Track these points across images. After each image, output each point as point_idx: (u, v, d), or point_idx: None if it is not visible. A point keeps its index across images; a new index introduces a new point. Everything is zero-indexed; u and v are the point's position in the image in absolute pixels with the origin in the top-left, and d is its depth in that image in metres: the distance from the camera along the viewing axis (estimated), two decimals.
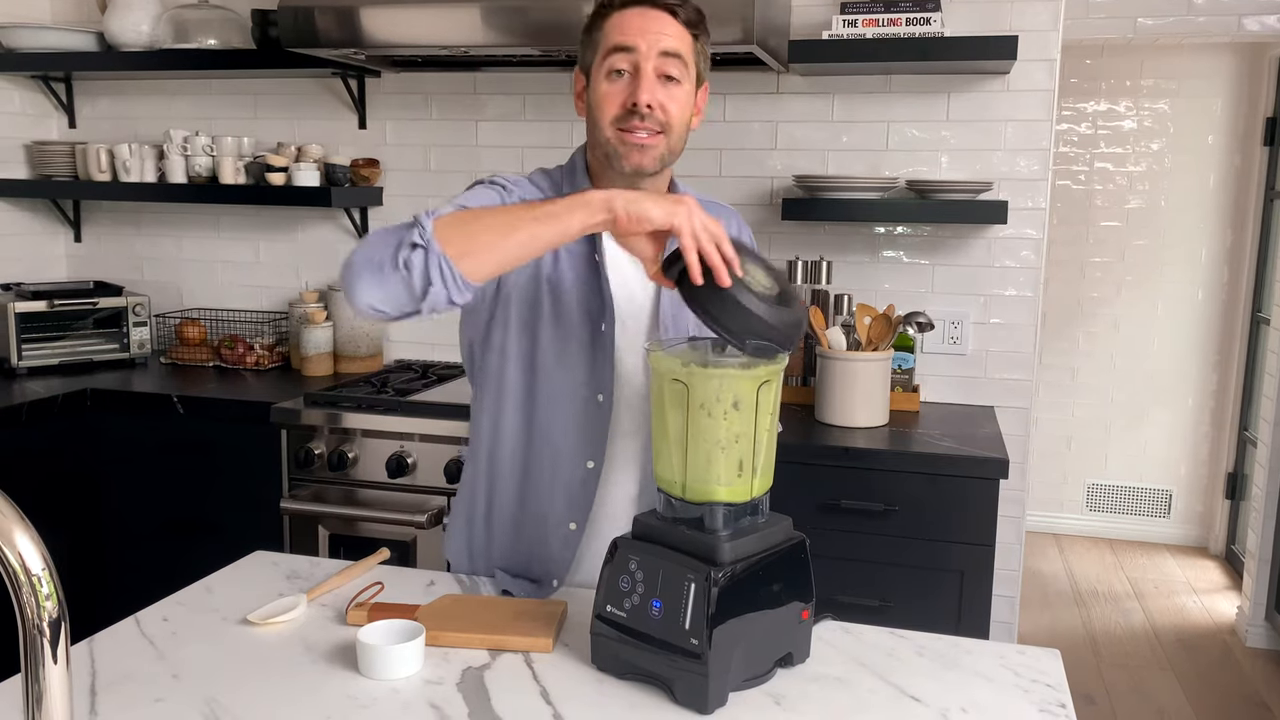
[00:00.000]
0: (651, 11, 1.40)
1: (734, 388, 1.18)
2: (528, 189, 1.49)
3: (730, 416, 1.19)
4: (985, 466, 2.22)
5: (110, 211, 3.36)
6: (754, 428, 1.20)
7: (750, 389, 1.19)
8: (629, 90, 1.39)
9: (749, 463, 1.21)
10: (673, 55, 1.40)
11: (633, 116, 1.39)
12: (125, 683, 1.20)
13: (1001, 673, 1.26)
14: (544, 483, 1.51)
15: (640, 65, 1.38)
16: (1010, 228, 2.67)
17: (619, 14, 1.41)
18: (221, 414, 2.66)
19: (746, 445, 1.20)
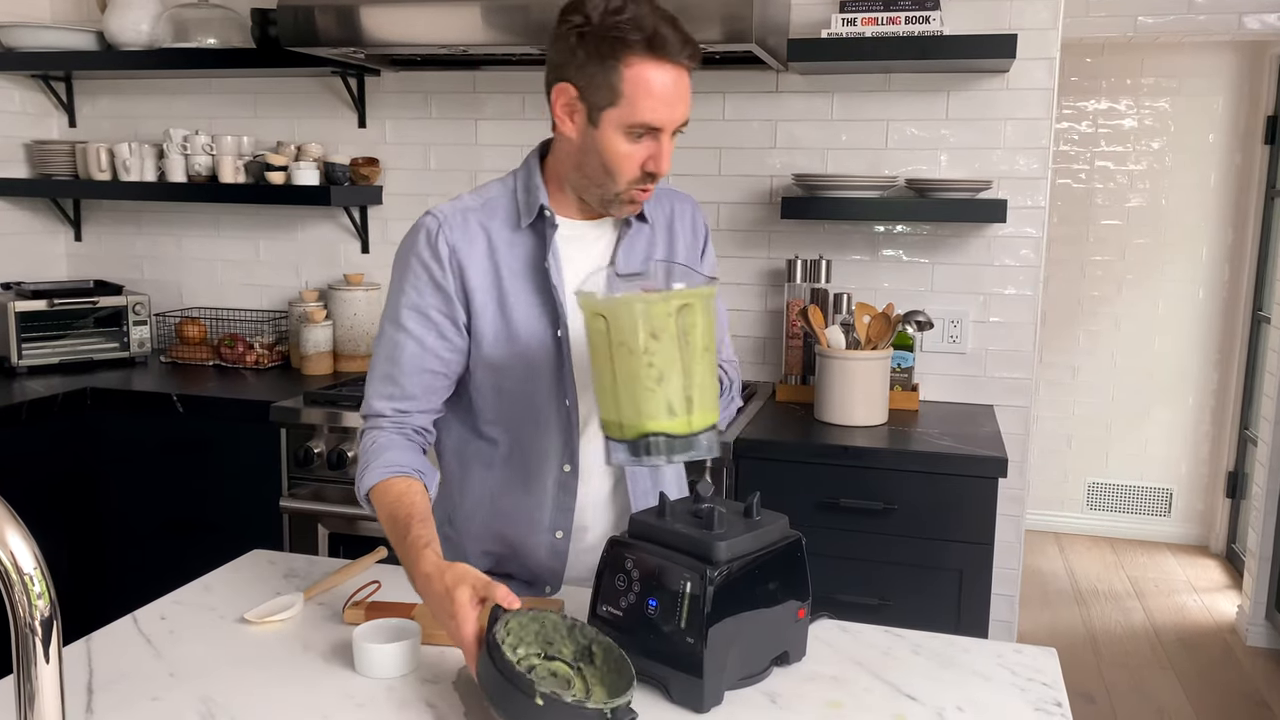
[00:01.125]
0: (674, 73, 1.34)
1: (649, 316, 1.17)
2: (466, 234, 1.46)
3: (651, 349, 1.17)
4: (984, 465, 2.22)
5: (110, 210, 3.37)
6: (679, 359, 1.18)
7: (665, 315, 1.17)
8: (647, 153, 1.37)
9: (680, 398, 1.19)
10: (683, 125, 1.39)
11: (650, 179, 1.40)
12: (122, 681, 1.20)
13: (998, 671, 1.26)
14: (522, 489, 1.52)
15: (662, 137, 1.36)
16: (1010, 226, 2.67)
17: (642, 66, 1.32)
18: (221, 413, 2.66)
19: (675, 380, 1.18)
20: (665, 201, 1.59)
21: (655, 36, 1.32)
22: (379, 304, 3.05)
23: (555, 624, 1.16)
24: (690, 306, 1.19)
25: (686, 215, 1.61)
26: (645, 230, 1.54)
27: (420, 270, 1.45)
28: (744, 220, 2.85)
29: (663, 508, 1.24)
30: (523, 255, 1.47)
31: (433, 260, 1.44)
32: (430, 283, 1.45)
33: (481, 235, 1.46)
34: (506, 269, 1.46)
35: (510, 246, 1.47)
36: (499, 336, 1.46)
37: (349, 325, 2.99)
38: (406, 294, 1.46)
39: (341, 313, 3.00)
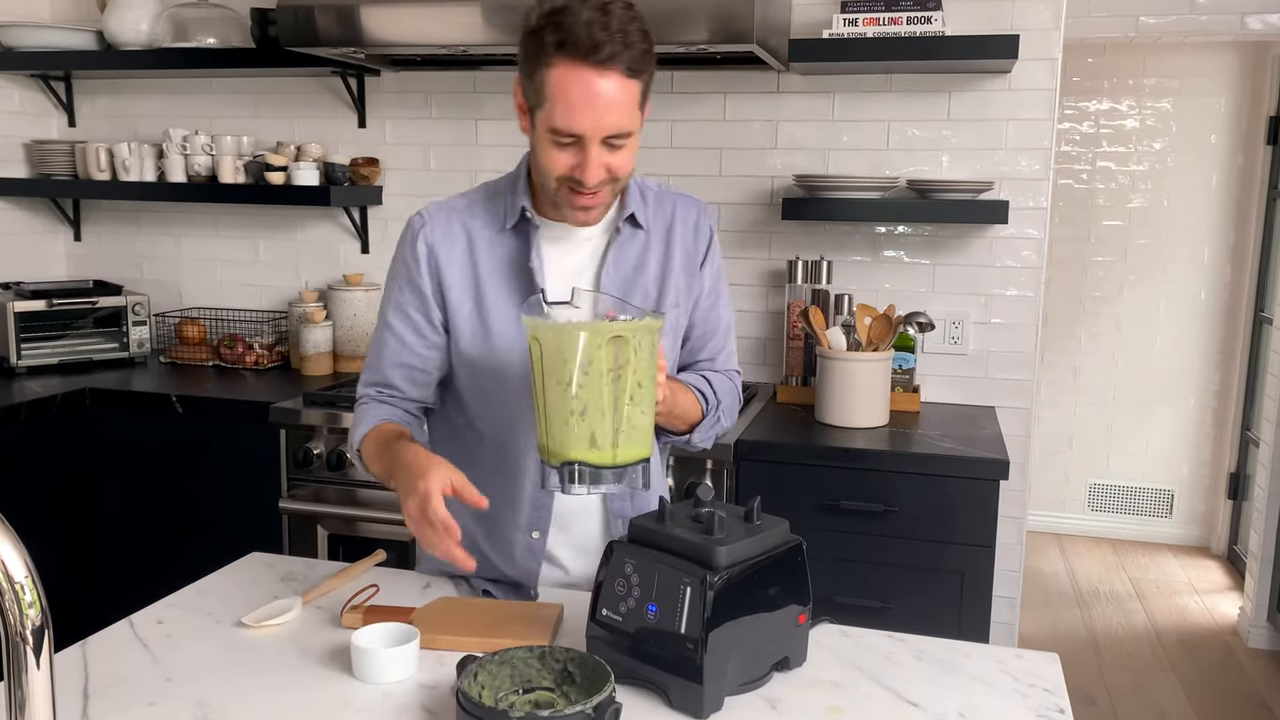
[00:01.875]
0: (598, 80, 1.28)
1: (577, 347, 1.16)
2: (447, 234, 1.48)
3: (579, 379, 1.17)
4: (985, 468, 2.21)
5: (110, 210, 3.36)
6: (607, 393, 1.18)
7: (594, 348, 1.16)
8: (575, 160, 1.33)
9: (605, 431, 1.19)
10: (618, 135, 1.33)
11: (579, 184, 1.35)
12: (118, 686, 1.20)
13: (1000, 677, 1.26)
14: (501, 488, 1.50)
15: (586, 146, 1.32)
16: (1011, 227, 2.66)
17: (564, 69, 1.28)
18: (220, 414, 2.65)
19: (600, 413, 1.18)
20: (667, 205, 1.55)
21: (577, 39, 1.26)
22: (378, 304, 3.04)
23: (524, 659, 1.15)
24: (622, 340, 1.18)
25: (690, 220, 1.56)
26: (639, 236, 1.51)
27: (402, 269, 1.50)
28: (745, 221, 2.84)
29: (663, 512, 1.23)
30: (505, 256, 1.47)
31: (411, 259, 1.48)
32: (409, 281, 1.49)
33: (463, 235, 1.48)
34: (486, 269, 1.47)
35: (492, 247, 1.48)
36: (475, 335, 1.47)
37: (349, 326, 2.99)
38: (391, 291, 1.52)
39: (341, 313, 3.00)
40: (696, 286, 1.56)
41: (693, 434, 1.53)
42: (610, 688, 1.06)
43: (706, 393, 1.54)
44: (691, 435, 1.53)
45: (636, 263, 1.51)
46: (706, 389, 1.54)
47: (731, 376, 1.63)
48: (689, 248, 1.55)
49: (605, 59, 1.27)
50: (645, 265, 1.51)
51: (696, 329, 1.59)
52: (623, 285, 1.49)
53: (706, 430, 1.54)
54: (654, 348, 1.22)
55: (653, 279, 1.51)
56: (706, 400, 1.53)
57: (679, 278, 1.53)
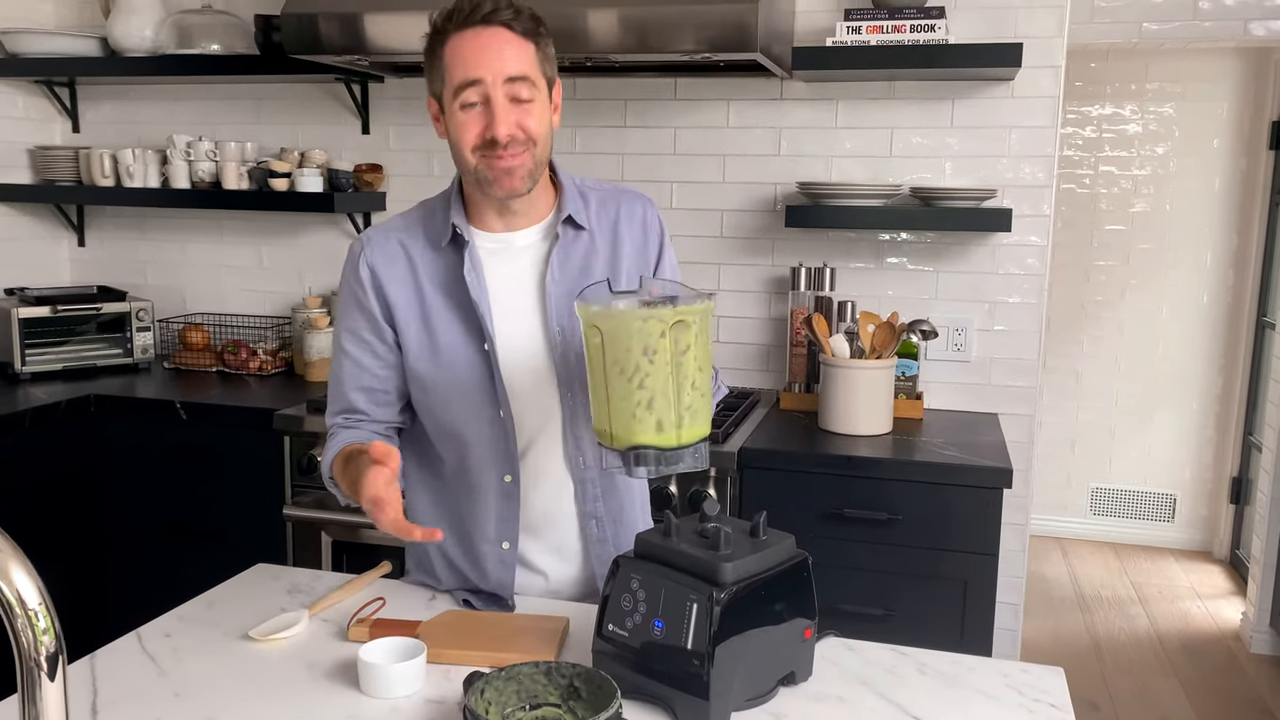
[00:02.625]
0: (486, 31, 1.37)
1: (643, 334, 1.19)
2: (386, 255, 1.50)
3: (644, 368, 1.20)
4: (988, 475, 2.21)
5: (114, 216, 3.36)
6: (672, 378, 1.20)
7: (658, 335, 1.19)
8: (484, 121, 1.37)
9: (670, 416, 1.21)
10: (519, 79, 1.37)
11: (494, 145, 1.38)
12: (126, 701, 1.20)
13: (1004, 691, 1.26)
14: (467, 501, 1.53)
15: (490, 95, 1.36)
16: (1014, 235, 2.67)
17: (455, 38, 1.38)
18: (224, 420, 2.66)
19: (666, 399, 1.21)
20: (611, 205, 1.56)
21: (461, 10, 1.37)
22: None
23: (530, 675, 1.15)
24: (684, 324, 1.20)
25: (636, 217, 1.56)
26: (583, 237, 1.52)
27: (349, 294, 1.53)
28: (748, 228, 2.85)
29: (668, 527, 1.23)
30: (444, 271, 1.49)
31: (356, 283, 1.51)
32: (357, 304, 1.51)
33: (402, 255, 1.51)
34: (429, 286, 1.50)
35: (431, 264, 1.50)
36: (423, 351, 1.49)
37: None
38: (342, 317, 1.55)
39: None
40: (658, 275, 1.58)
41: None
42: (617, 704, 1.06)
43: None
44: None
45: (582, 265, 1.51)
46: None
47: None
48: (639, 243, 1.56)
49: (488, 14, 1.37)
50: (591, 267, 1.52)
51: None
52: (569, 288, 1.49)
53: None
54: (708, 329, 1.25)
55: (600, 278, 1.51)
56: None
57: (632, 277, 1.54)
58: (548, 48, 1.43)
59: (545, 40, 1.43)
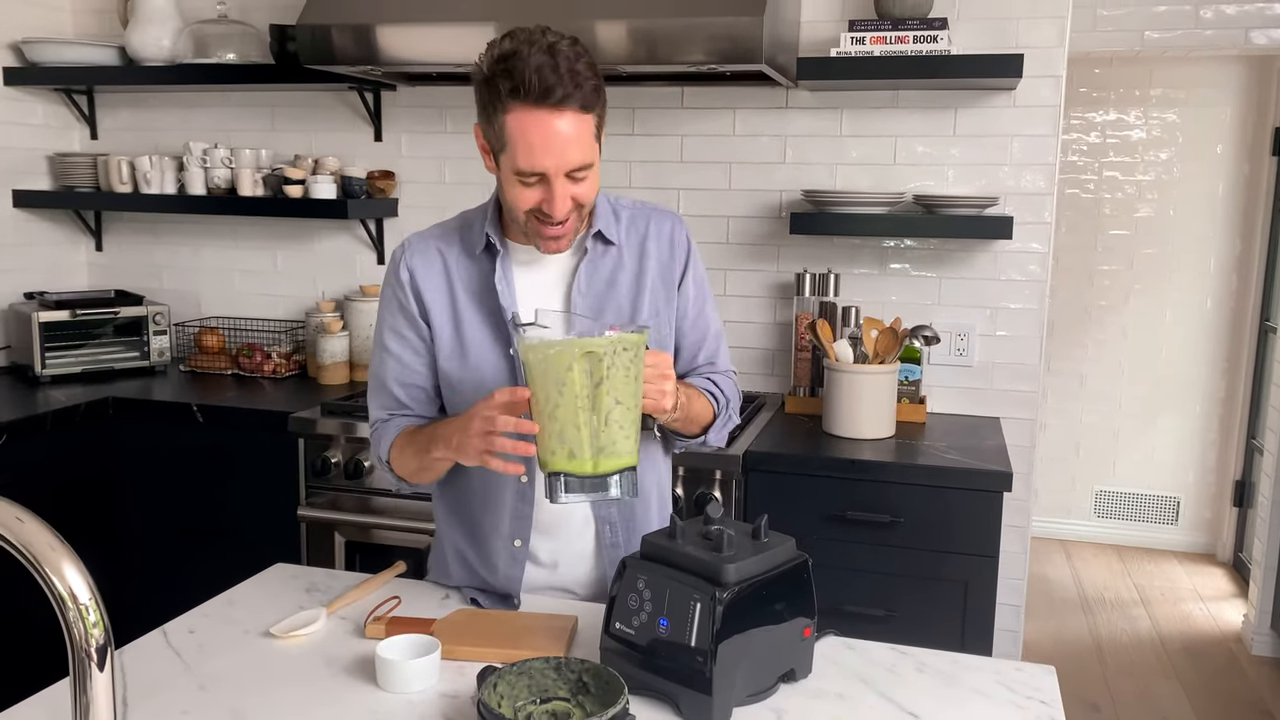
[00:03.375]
0: (554, 119, 1.35)
1: (549, 364, 1.24)
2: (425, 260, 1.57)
3: (552, 398, 1.25)
4: (989, 479, 2.25)
5: (131, 222, 3.43)
6: (585, 408, 1.24)
7: (563, 368, 1.23)
8: (541, 196, 1.41)
9: (584, 445, 1.26)
10: (580, 167, 1.40)
11: (548, 218, 1.43)
12: (154, 694, 1.25)
13: (998, 689, 1.30)
14: (482, 499, 1.59)
15: (551, 182, 1.39)
16: (1016, 242, 2.71)
17: (519, 114, 1.35)
18: (240, 423, 2.71)
19: (577, 428, 1.25)
20: (641, 221, 1.61)
21: (529, 84, 1.33)
22: None
23: (541, 670, 1.20)
24: (595, 356, 1.23)
25: (664, 234, 1.61)
26: (611, 252, 1.57)
27: (390, 294, 1.60)
28: (753, 234, 2.90)
29: (674, 529, 1.28)
30: (477, 278, 1.56)
31: (397, 284, 1.58)
32: (398, 304, 1.58)
33: (439, 260, 1.57)
34: (462, 292, 1.56)
35: (465, 271, 1.57)
36: (453, 352, 1.56)
37: (364, 336, 3.05)
38: (383, 317, 1.61)
39: (357, 323, 3.06)
40: (680, 299, 1.62)
41: (708, 434, 1.62)
42: (624, 699, 1.11)
43: (716, 394, 1.62)
44: (706, 435, 1.62)
45: (609, 279, 1.57)
46: (715, 390, 1.63)
47: (730, 375, 1.70)
48: (664, 260, 1.60)
49: (559, 101, 1.34)
50: (617, 281, 1.57)
51: (688, 338, 1.65)
52: (595, 301, 1.54)
53: (720, 429, 1.64)
54: (635, 362, 1.27)
55: (626, 294, 1.57)
56: (717, 401, 1.62)
57: (656, 291, 1.59)
58: (603, 107, 1.43)
59: (602, 101, 1.42)
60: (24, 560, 0.72)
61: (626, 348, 1.24)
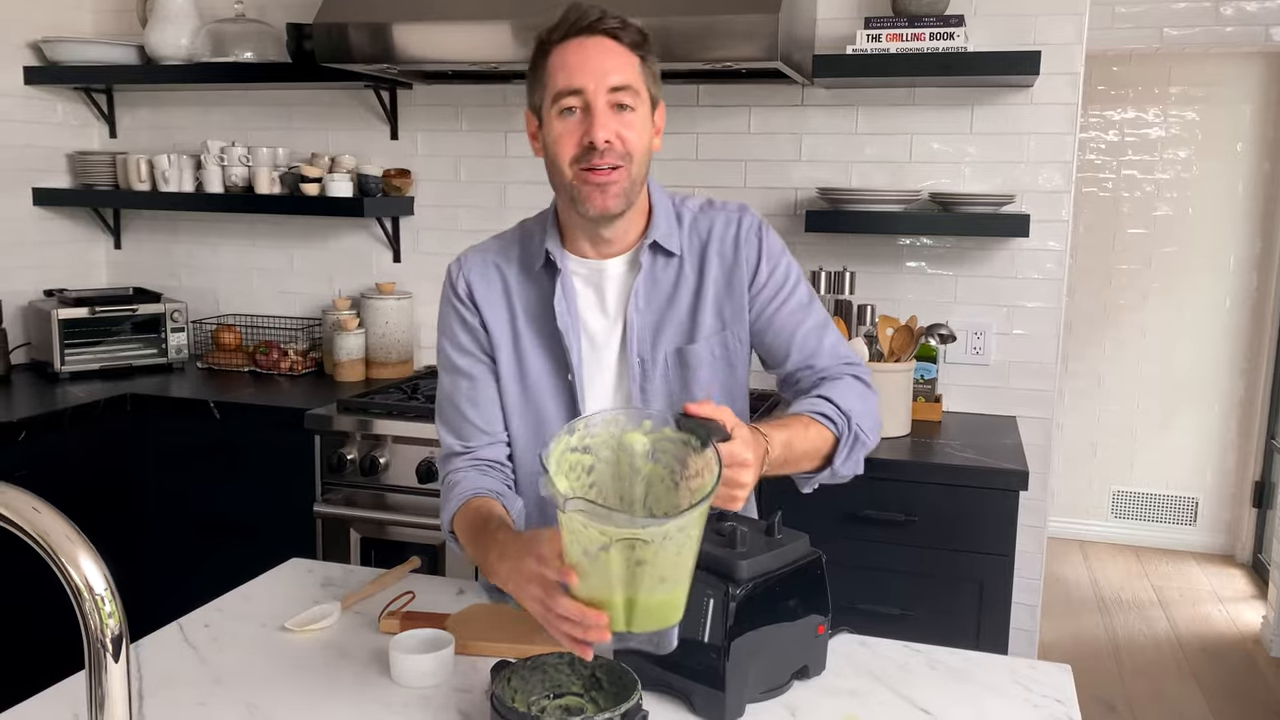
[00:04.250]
0: (592, 41, 1.34)
1: (580, 534, 1.00)
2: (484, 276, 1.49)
3: (582, 563, 1.02)
4: (1005, 478, 2.24)
5: (149, 219, 3.45)
6: (611, 586, 1.02)
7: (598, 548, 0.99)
8: (583, 127, 1.34)
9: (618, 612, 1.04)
10: (622, 88, 1.34)
11: (591, 154, 1.33)
12: (170, 687, 1.26)
13: (1012, 687, 1.30)
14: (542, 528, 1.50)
15: (591, 102, 1.33)
16: (1033, 240, 2.69)
17: (560, 49, 1.35)
18: (257, 419, 2.73)
19: (603, 600, 1.03)
20: (705, 223, 1.49)
21: (567, 19, 1.35)
22: (410, 312, 3.11)
23: (555, 665, 1.20)
24: (639, 543, 0.98)
25: (728, 236, 1.48)
26: (673, 265, 1.47)
27: (451, 311, 1.51)
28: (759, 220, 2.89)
29: None
30: (536, 298, 1.48)
31: (457, 300, 1.51)
32: (459, 320, 1.51)
33: (498, 277, 1.50)
34: (522, 311, 1.48)
35: (524, 289, 1.49)
36: (512, 376, 1.48)
37: (380, 333, 3.06)
38: (444, 337, 1.52)
39: (373, 321, 3.07)
40: (756, 301, 1.48)
41: (833, 464, 1.38)
42: (637, 695, 1.11)
43: (830, 413, 1.38)
44: (832, 466, 1.39)
45: (670, 294, 1.47)
46: (828, 408, 1.39)
47: (849, 376, 1.46)
48: (728, 265, 1.47)
49: (594, 23, 1.35)
50: (678, 297, 1.47)
51: (774, 340, 1.49)
52: (655, 319, 1.46)
53: (847, 455, 1.39)
54: (694, 531, 1.01)
55: (685, 310, 1.47)
56: (834, 422, 1.38)
57: (721, 301, 1.47)
58: (653, 65, 1.40)
59: (651, 57, 1.39)
60: (41, 550, 0.73)
61: (683, 527, 0.99)
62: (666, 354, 1.47)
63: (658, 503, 1.09)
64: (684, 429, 1.07)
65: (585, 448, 1.08)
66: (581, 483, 1.08)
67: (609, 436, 1.09)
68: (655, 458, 1.08)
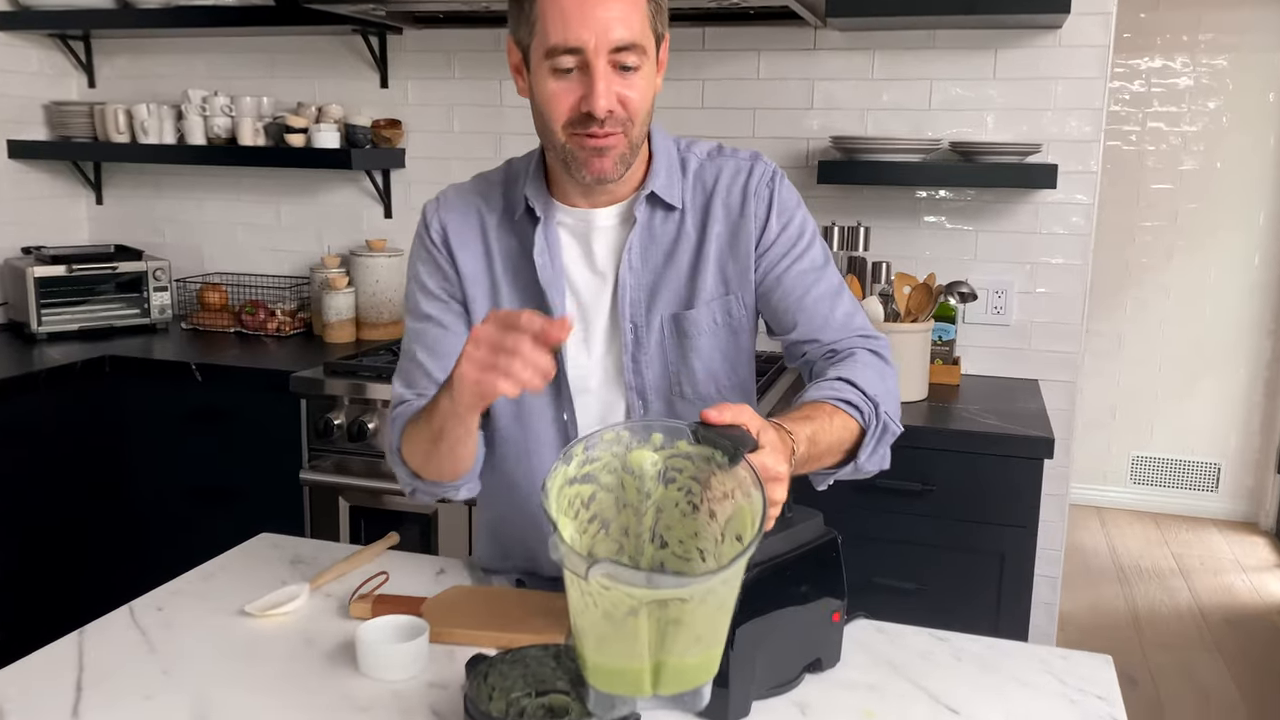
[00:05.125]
0: None
1: (599, 596, 0.83)
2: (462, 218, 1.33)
3: (598, 627, 0.86)
4: (1029, 446, 2.11)
5: (132, 174, 3.30)
6: (636, 653, 0.86)
7: (623, 610, 0.83)
8: (580, 91, 1.16)
9: (641, 682, 0.89)
10: (627, 47, 1.15)
11: (589, 122, 1.17)
12: (113, 677, 1.14)
13: (1046, 680, 1.17)
14: (524, 498, 1.37)
15: (591, 63, 1.15)
16: (1059, 192, 2.54)
17: None
18: (241, 383, 2.60)
19: (624, 666, 0.87)
20: (711, 171, 1.32)
21: None
22: (402, 271, 2.97)
23: (538, 659, 1.06)
24: (674, 603, 0.82)
25: (737, 185, 1.30)
26: (673, 219, 1.31)
27: (421, 251, 1.37)
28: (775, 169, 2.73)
29: None
30: (516, 248, 1.33)
31: (429, 240, 1.36)
32: (431, 262, 1.36)
33: (476, 221, 1.34)
34: (500, 261, 1.34)
35: (505, 237, 1.33)
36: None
37: (371, 292, 2.92)
38: (414, 280, 1.37)
39: (364, 279, 2.93)
40: (763, 260, 1.31)
41: (856, 459, 1.22)
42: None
43: (855, 400, 1.20)
44: (856, 461, 1.23)
45: (668, 252, 1.31)
46: (852, 394, 1.21)
47: (874, 347, 1.30)
48: (733, 220, 1.30)
49: None
50: (677, 256, 1.30)
51: (780, 305, 1.31)
52: (651, 280, 1.30)
53: (873, 448, 1.23)
54: (738, 576, 0.86)
55: (684, 271, 1.30)
56: (860, 410, 1.21)
57: (725, 261, 1.30)
58: (661, 7, 1.21)
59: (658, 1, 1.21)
60: None
61: (728, 580, 0.83)
62: (663, 319, 1.31)
63: (669, 530, 0.93)
64: (705, 442, 0.90)
65: (585, 476, 0.92)
66: (580, 519, 0.92)
67: (611, 458, 0.92)
68: (668, 477, 0.92)
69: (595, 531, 0.92)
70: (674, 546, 0.93)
